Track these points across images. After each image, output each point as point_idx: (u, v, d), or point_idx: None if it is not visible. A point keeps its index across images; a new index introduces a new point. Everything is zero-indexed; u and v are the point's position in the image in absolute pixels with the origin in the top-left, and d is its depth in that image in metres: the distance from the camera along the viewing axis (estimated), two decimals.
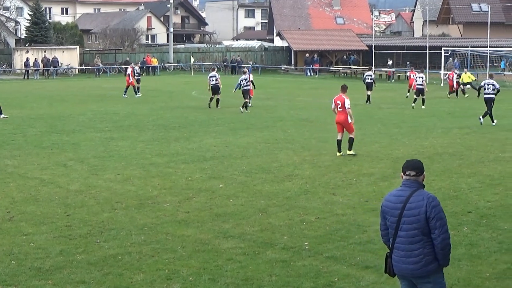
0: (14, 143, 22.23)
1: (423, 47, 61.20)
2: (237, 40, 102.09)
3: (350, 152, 19.45)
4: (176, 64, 74.13)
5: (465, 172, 16.92)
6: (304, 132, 24.80)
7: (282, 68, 73.46)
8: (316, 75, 67.38)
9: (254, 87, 35.13)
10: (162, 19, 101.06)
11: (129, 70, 42.09)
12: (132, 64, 47.28)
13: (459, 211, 13.01)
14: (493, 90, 26.60)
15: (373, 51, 62.73)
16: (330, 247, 10.84)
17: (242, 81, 32.24)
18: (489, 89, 26.70)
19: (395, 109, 33.98)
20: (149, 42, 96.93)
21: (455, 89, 41.61)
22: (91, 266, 9.98)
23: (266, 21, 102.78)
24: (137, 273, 9.69)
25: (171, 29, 76.94)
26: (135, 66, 44.83)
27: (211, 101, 33.65)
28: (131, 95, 40.98)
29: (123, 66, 69.07)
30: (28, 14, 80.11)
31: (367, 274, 9.61)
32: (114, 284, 9.30)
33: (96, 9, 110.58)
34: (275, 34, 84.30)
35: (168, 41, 79.80)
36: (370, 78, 38.62)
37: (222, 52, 78.12)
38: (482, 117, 26.65)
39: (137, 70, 43.23)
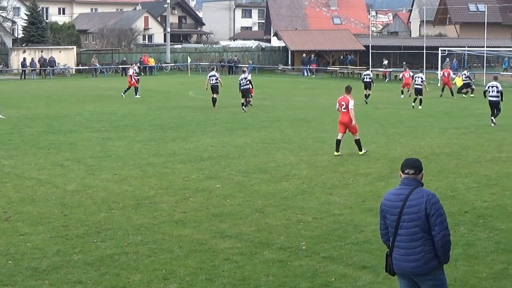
0: (11, 143, 22.20)
1: (420, 47, 61.25)
2: (234, 40, 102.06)
3: (361, 152, 19.50)
4: (173, 64, 74.10)
5: (462, 172, 16.94)
6: (301, 132, 24.81)
7: (279, 68, 73.48)
8: (313, 75, 67.37)
9: (252, 86, 35.12)
10: (159, 19, 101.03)
11: (131, 71, 41.66)
12: (133, 64, 46.93)
13: (456, 211, 13.02)
14: (497, 92, 26.62)
15: (370, 51, 62.77)
16: (327, 247, 10.84)
17: (241, 80, 32.28)
18: (493, 92, 26.74)
19: (392, 109, 34.01)
20: (146, 42, 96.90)
21: (450, 88, 41.62)
22: (88, 266, 9.97)
23: (263, 21, 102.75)
24: (134, 273, 9.68)
25: (168, 29, 76.90)
26: (135, 66, 44.56)
27: (213, 103, 33.89)
28: (130, 94, 40.69)
29: (120, 66, 69.11)
30: (25, 14, 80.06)
31: (364, 274, 9.62)
32: (111, 284, 9.30)
33: (93, 9, 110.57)
34: (272, 34, 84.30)
35: (165, 41, 79.78)
36: (368, 77, 38.74)
37: (219, 52, 78.11)
38: (494, 118, 26.72)
39: (136, 70, 43.06)
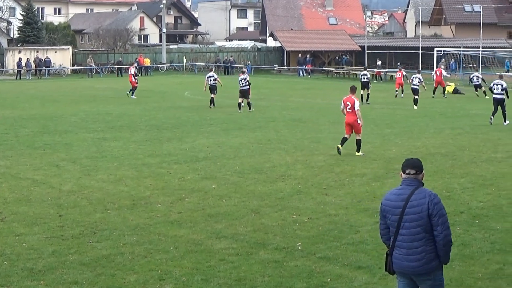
0: (6, 144, 22.16)
1: (416, 48, 61.35)
2: (229, 41, 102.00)
3: (358, 153, 19.51)
4: (168, 65, 74.06)
5: (457, 173, 16.96)
6: (296, 132, 24.81)
7: (274, 68, 73.48)
8: (308, 75, 67.39)
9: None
10: (154, 19, 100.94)
11: (133, 71, 41.72)
12: (134, 64, 47.02)
13: (451, 212, 13.01)
14: (502, 90, 26.83)
15: (366, 51, 62.82)
16: (322, 248, 10.85)
17: (241, 81, 32.35)
18: (498, 89, 26.95)
19: (388, 109, 34.03)
20: (142, 43, 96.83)
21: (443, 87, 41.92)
22: (84, 267, 9.96)
23: (259, 21, 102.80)
24: (130, 274, 9.68)
25: (164, 30, 76.82)
26: (135, 66, 44.53)
27: (212, 102, 34.09)
28: (124, 95, 40.76)
29: (115, 66, 69.06)
30: (21, 14, 79.87)
31: (360, 275, 9.62)
32: (106, 285, 9.29)
33: (89, 9, 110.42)
34: (267, 35, 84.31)
35: (160, 41, 79.72)
36: (366, 77, 38.86)
37: (215, 52, 78.07)
38: (495, 117, 26.86)
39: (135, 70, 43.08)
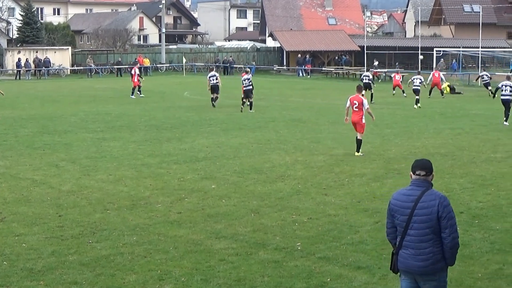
0: (5, 144, 22.16)
1: (415, 48, 61.33)
2: (229, 41, 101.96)
3: (357, 154, 19.55)
4: (168, 65, 74.04)
5: (457, 173, 16.96)
6: (296, 132, 24.81)
7: (274, 68, 73.44)
8: (308, 75, 67.38)
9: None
10: (154, 19, 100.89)
11: (138, 71, 42.23)
12: (138, 64, 47.56)
13: None
14: (510, 91, 26.73)
15: (365, 51, 62.81)
16: (322, 248, 10.85)
17: (244, 81, 32.48)
18: (506, 91, 26.85)
19: (387, 109, 34.02)
20: (141, 43, 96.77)
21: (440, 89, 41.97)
22: (83, 267, 9.96)
23: (258, 21, 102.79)
24: (129, 274, 9.68)
25: (163, 30, 76.81)
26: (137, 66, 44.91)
27: (214, 100, 34.33)
28: (127, 95, 40.71)
29: (115, 66, 69.06)
30: (20, 14, 79.83)
31: (359, 275, 9.63)
32: (106, 285, 9.29)
33: (88, 10, 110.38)
34: (267, 35, 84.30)
35: (160, 41, 79.69)
36: (367, 78, 39.01)
37: (214, 52, 78.05)
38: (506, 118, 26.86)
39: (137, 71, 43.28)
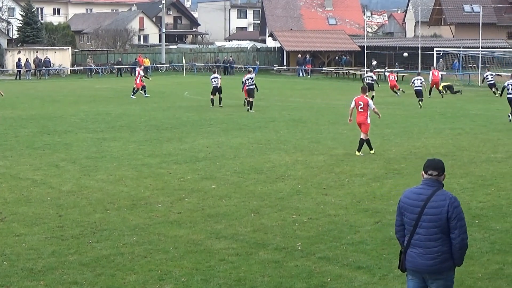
0: (6, 144, 22.16)
1: (415, 48, 61.31)
2: (229, 41, 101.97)
3: (358, 153, 19.56)
4: (168, 65, 74.06)
5: (457, 173, 16.96)
6: (296, 132, 24.81)
7: (274, 68, 73.45)
8: (308, 75, 67.36)
9: (242, 88, 35.79)
10: (154, 19, 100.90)
11: (142, 72, 42.50)
12: (142, 66, 47.98)
13: None
14: None
15: (365, 51, 62.81)
16: (322, 248, 10.85)
17: (247, 80, 33.00)
18: (510, 89, 26.97)
19: (387, 109, 33.99)
20: (141, 43, 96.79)
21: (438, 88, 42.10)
22: (84, 267, 9.96)
23: (258, 21, 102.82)
24: (130, 274, 9.68)
25: (163, 30, 76.80)
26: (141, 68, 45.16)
27: (219, 101, 34.80)
28: (127, 95, 40.72)
29: (115, 66, 69.07)
30: (20, 14, 79.84)
31: (360, 275, 9.63)
32: (106, 285, 9.29)
33: (88, 10, 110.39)
34: (267, 35, 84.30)
35: (160, 41, 79.68)
36: (370, 79, 39.05)
37: (215, 52, 78.05)
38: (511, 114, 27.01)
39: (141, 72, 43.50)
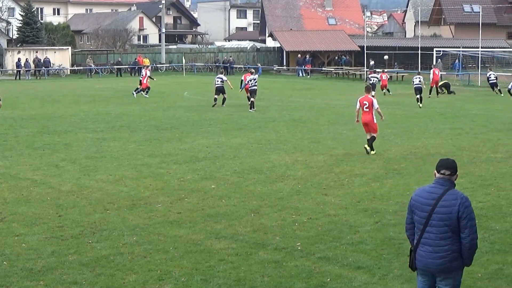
0: (5, 144, 22.15)
1: (415, 48, 61.33)
2: (229, 41, 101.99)
3: (372, 152, 19.59)
4: (168, 65, 74.07)
5: None
6: (296, 132, 24.82)
7: (274, 68, 73.46)
8: (308, 75, 67.40)
9: (241, 87, 36.09)
10: (154, 19, 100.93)
11: (149, 73, 42.82)
12: (149, 67, 48.51)
13: None
14: None
15: (365, 51, 62.81)
16: (322, 248, 10.85)
17: (250, 81, 33.26)
18: None
19: (387, 109, 33.99)
20: (141, 43, 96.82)
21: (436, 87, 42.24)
22: (83, 267, 9.96)
23: (258, 21, 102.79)
24: (129, 274, 9.68)
25: (163, 30, 76.82)
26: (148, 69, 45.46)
27: (223, 102, 34.87)
28: (128, 95, 40.78)
29: (115, 66, 69.10)
30: (20, 14, 79.84)
31: (359, 275, 9.63)
32: (106, 285, 9.29)
33: (88, 10, 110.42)
34: (267, 35, 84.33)
35: (160, 41, 79.72)
36: (375, 80, 39.30)
37: (214, 52, 78.05)
38: None
39: (148, 73, 43.75)
